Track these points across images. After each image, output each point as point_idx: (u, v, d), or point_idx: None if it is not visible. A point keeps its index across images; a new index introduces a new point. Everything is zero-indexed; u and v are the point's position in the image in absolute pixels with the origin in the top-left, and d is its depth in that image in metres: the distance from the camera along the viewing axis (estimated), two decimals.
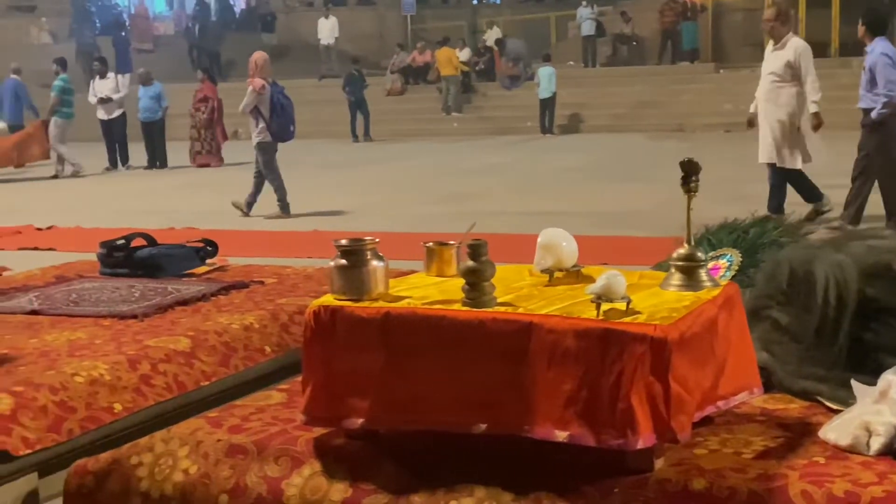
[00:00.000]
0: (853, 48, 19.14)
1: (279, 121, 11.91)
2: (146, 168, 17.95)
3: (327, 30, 27.78)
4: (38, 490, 2.46)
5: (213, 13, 32.31)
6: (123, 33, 30.54)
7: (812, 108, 8.64)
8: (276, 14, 29.63)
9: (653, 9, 24.77)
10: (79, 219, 12.02)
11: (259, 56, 12.05)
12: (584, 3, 26.19)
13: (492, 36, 27.42)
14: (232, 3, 36.58)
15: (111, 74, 18.37)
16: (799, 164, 8.90)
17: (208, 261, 4.16)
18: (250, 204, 11.86)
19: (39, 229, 11.48)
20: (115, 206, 13.51)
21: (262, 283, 3.83)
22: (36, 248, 10.05)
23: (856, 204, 8.38)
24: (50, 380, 2.61)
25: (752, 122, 9.46)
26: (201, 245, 4.20)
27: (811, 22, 22.04)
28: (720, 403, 2.08)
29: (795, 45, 8.90)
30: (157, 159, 18.09)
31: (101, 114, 18.08)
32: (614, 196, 11.09)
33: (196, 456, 2.13)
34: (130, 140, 18.27)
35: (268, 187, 12.07)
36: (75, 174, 16.91)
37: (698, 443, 2.03)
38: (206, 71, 19.10)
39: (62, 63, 18.66)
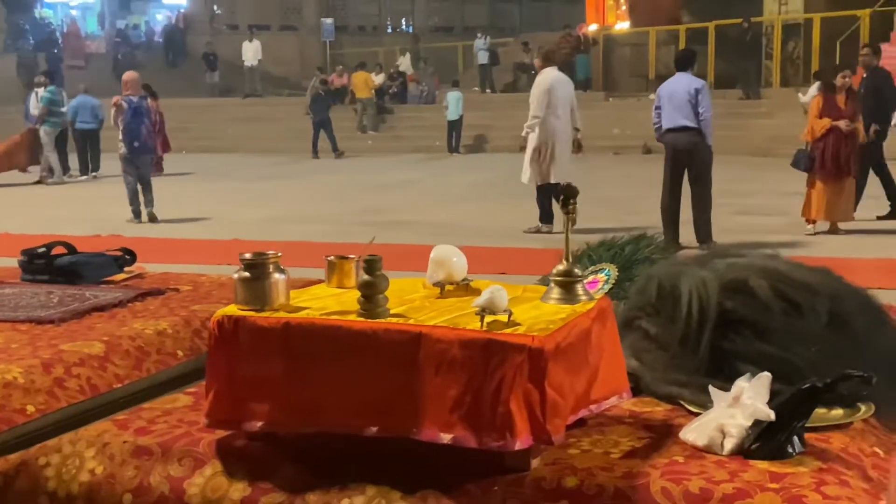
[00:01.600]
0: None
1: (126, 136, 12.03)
2: (80, 175, 17.68)
3: (251, 52, 27.57)
4: None
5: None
6: (56, 50, 29.89)
7: None
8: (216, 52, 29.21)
9: (550, 41, 25.07)
10: (7, 225, 11.71)
11: (126, 75, 12.63)
12: (479, 34, 26.51)
13: (404, 62, 27.48)
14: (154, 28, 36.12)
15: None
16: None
17: (126, 268, 4.07)
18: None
19: None
20: (46, 214, 13.20)
21: (177, 290, 3.75)
22: None
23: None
24: None
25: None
26: (120, 254, 4.10)
27: None
28: (592, 407, 2.10)
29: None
30: (92, 166, 17.88)
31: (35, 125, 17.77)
32: (514, 210, 11.17)
33: (102, 457, 2.08)
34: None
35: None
36: (59, 182, 16.65)
37: (572, 443, 2.04)
38: (147, 87, 18.84)
39: (49, 75, 18.32)
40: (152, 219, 12.13)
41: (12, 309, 3.39)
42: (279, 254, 2.12)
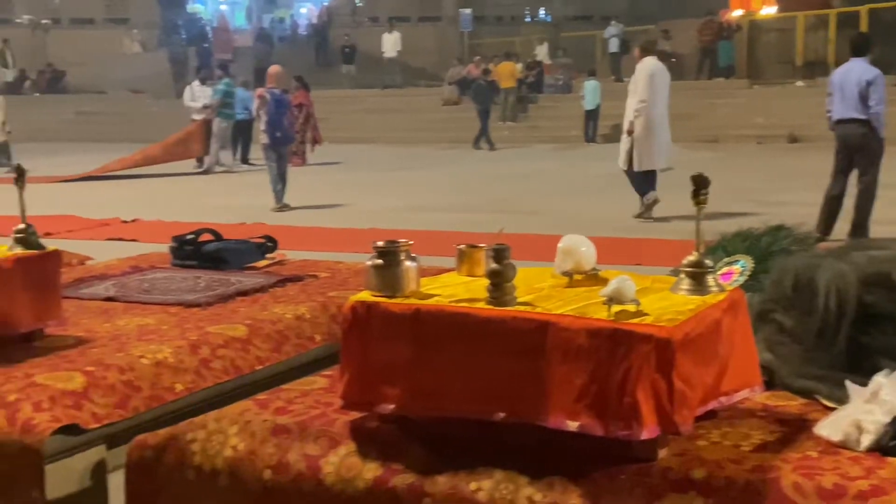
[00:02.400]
0: None
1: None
2: (234, 163, 18.24)
3: (391, 44, 27.91)
4: (106, 460, 2.51)
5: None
6: (206, 44, 30.88)
7: None
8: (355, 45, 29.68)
9: (692, 28, 24.58)
10: (160, 213, 12.20)
11: (271, 68, 12.96)
12: (612, 22, 26.12)
13: (541, 52, 27.36)
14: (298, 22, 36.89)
15: (210, 83, 18.87)
16: None
17: (268, 255, 4.21)
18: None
19: (125, 222, 11.67)
20: (197, 203, 13.70)
21: (315, 276, 3.86)
22: (121, 239, 10.22)
23: None
24: (119, 361, 2.67)
25: None
26: (262, 241, 4.25)
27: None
28: (722, 399, 2.07)
29: None
30: (246, 154, 18.48)
31: (200, 116, 18.58)
32: None
33: (244, 434, 2.17)
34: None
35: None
36: (228, 171, 17.29)
37: (700, 435, 2.03)
38: (299, 79, 19.37)
39: (225, 68, 19.08)
40: (279, 203, 12.50)
41: (163, 292, 3.56)
42: (410, 242, 2.17)
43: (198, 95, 18.54)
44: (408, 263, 2.12)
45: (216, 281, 3.73)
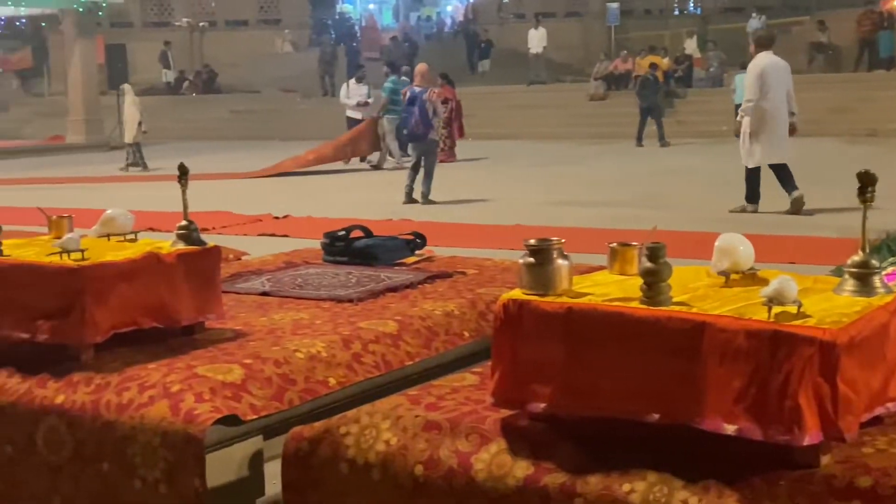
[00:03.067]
0: None
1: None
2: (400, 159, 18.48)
3: (536, 40, 27.83)
4: (263, 451, 2.59)
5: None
6: (355, 43, 31.46)
7: None
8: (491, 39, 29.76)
9: (850, 19, 23.67)
10: (311, 209, 12.50)
11: (418, 67, 13.12)
12: (753, 14, 25.35)
13: (690, 45, 26.81)
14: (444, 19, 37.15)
15: (365, 81, 19.26)
16: None
17: (417, 252, 4.26)
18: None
19: (276, 218, 12.00)
20: (346, 198, 13.99)
21: (464, 273, 3.88)
22: (272, 235, 10.52)
23: None
24: (275, 354, 2.74)
25: None
26: (411, 237, 4.30)
27: None
28: (889, 405, 1.99)
29: None
30: (402, 152, 18.71)
31: (356, 114, 19.03)
32: (806, 198, 10.65)
33: (396, 429, 2.20)
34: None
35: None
36: (396, 167, 17.53)
37: (866, 442, 1.95)
38: (444, 76, 19.59)
39: (392, 66, 19.54)
40: (425, 201, 12.62)
41: (316, 288, 3.64)
42: (562, 240, 2.15)
43: (353, 93, 18.95)
44: (560, 262, 2.11)
45: (366, 277, 3.78)
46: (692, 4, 34.54)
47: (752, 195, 10.64)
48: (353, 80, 19.69)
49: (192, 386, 2.50)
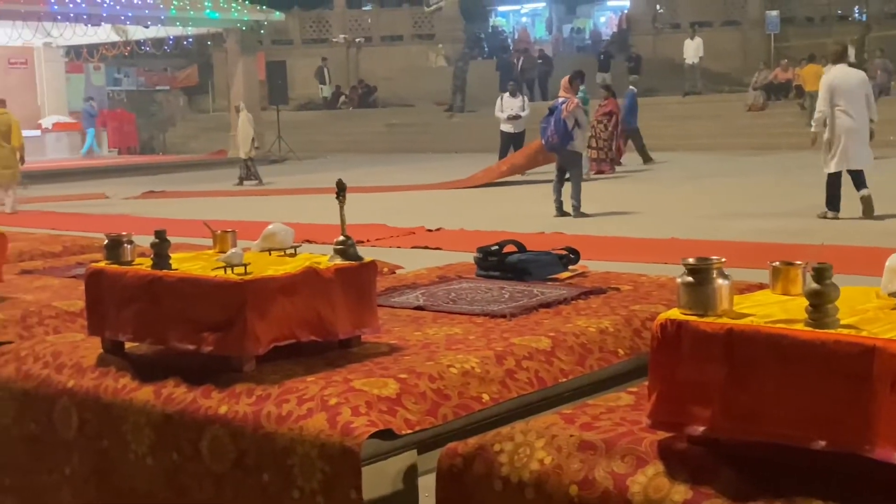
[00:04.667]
0: None
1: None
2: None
3: (692, 50, 27.35)
4: (417, 465, 2.61)
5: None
6: (507, 56, 31.59)
7: None
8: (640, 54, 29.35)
9: None
10: (464, 221, 12.59)
11: (564, 79, 13.22)
12: None
13: (851, 54, 25.81)
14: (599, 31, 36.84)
15: (520, 94, 19.38)
16: None
17: (570, 267, 4.23)
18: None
19: (429, 230, 12.14)
20: (495, 211, 14.03)
21: (618, 289, 3.84)
22: (426, 248, 10.64)
23: None
24: (429, 369, 2.76)
25: None
26: (565, 252, 4.28)
27: None
28: None
29: None
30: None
31: (508, 128, 19.12)
32: None
33: (550, 448, 2.18)
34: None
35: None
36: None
37: None
38: (607, 88, 19.49)
39: (581, 76, 19.72)
40: (577, 214, 12.54)
41: (469, 302, 3.66)
42: (723, 259, 2.10)
43: (506, 106, 19.04)
44: (720, 281, 2.06)
45: (519, 292, 3.78)
46: (857, 10, 33.26)
47: (833, 201, 11.40)
48: (506, 94, 19.79)
49: (349, 399, 2.54)
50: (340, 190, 3.06)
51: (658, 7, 34.07)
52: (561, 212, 12.77)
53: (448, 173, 19.49)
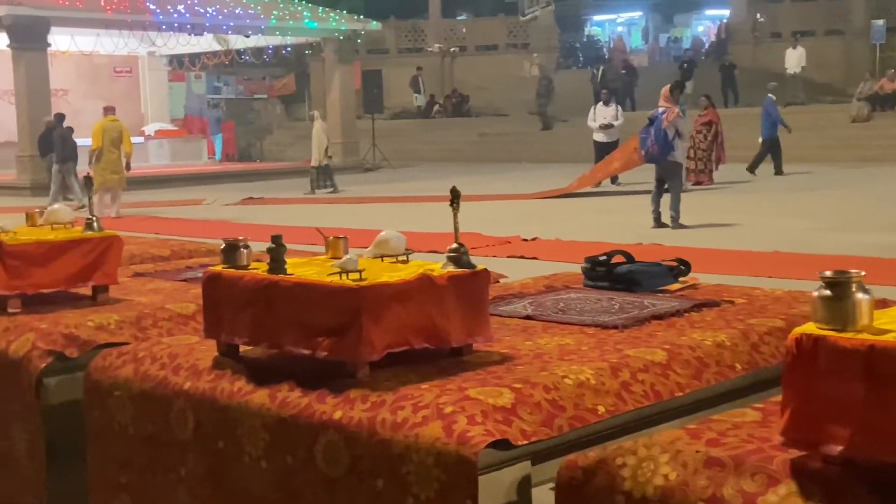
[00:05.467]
0: None
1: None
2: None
3: (794, 59, 26.82)
4: (531, 476, 2.58)
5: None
6: (602, 66, 31.40)
7: None
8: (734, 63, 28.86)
9: None
10: (559, 231, 12.52)
11: (663, 89, 13.14)
12: None
13: None
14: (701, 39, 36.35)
15: (613, 103, 19.32)
16: None
17: (681, 279, 4.15)
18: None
19: (525, 240, 12.10)
20: (590, 221, 13.92)
21: (732, 302, 3.75)
22: (522, 257, 10.60)
23: None
24: (544, 380, 2.73)
25: None
26: (675, 264, 4.20)
27: None
28: None
29: None
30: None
31: (601, 137, 19.04)
32: None
33: (675, 464, 2.13)
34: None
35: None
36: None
37: None
38: (708, 97, 19.28)
39: (681, 86, 19.64)
40: (675, 225, 12.37)
41: (579, 313, 3.61)
42: (862, 273, 2.02)
43: (599, 116, 18.96)
44: (860, 295, 1.98)
45: (629, 303, 3.72)
46: None
47: None
48: (599, 103, 19.70)
49: (465, 408, 2.52)
50: (455, 197, 3.04)
51: (758, 16, 33.48)
52: (659, 223, 12.61)
53: (540, 183, 19.41)
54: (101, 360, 3.32)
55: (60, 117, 20.10)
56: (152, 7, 24.54)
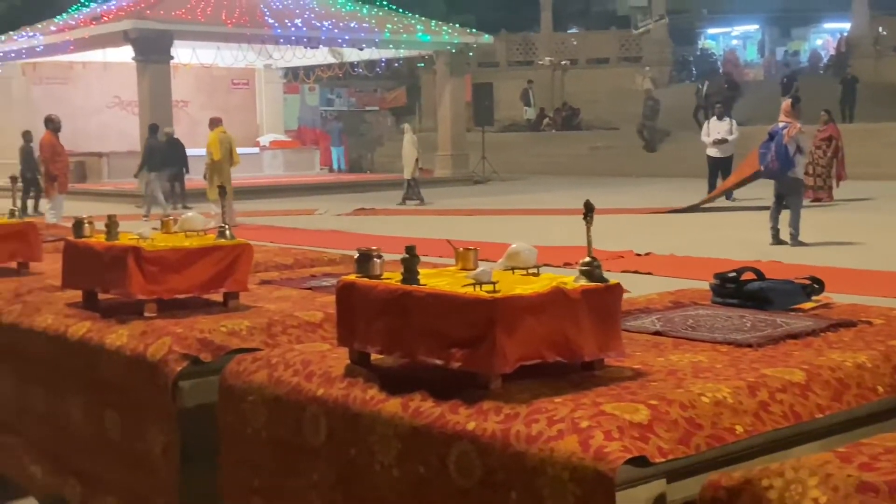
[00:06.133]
0: None
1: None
2: None
3: None
4: (666, 495, 2.54)
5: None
6: (715, 80, 30.93)
7: None
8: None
9: None
10: (673, 246, 12.35)
11: (784, 103, 12.90)
12: None
13: None
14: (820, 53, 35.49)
15: (727, 118, 19.06)
16: None
17: (814, 297, 4.04)
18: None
19: (638, 255, 11.96)
20: (704, 237, 13.69)
21: (869, 323, 3.63)
22: (636, 272, 10.48)
23: None
24: (679, 397, 2.68)
25: None
26: (808, 282, 4.09)
27: None
28: None
29: None
30: None
31: (714, 152, 18.79)
32: None
33: (825, 487, 2.06)
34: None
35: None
36: None
37: None
38: (828, 112, 18.89)
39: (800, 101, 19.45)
40: (794, 242, 12.09)
41: (709, 330, 3.55)
42: None
43: (712, 131, 18.71)
44: None
45: (761, 321, 3.64)
46: None
47: None
48: (713, 118, 19.41)
49: (601, 423, 2.50)
50: (588, 211, 3.02)
51: (881, 29, 32.53)
52: (777, 239, 12.34)
53: (651, 198, 19.19)
54: (236, 365, 3.40)
55: (154, 128, 20.90)
56: (271, 21, 25.11)
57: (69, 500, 4.05)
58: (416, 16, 28.98)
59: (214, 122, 18.53)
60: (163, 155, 20.45)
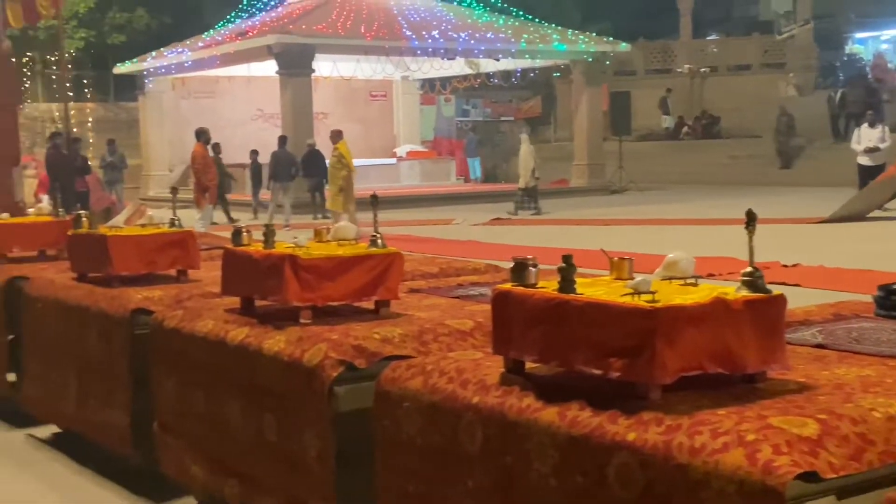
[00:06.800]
0: None
1: None
2: None
3: None
4: None
5: None
6: (866, 86, 29.87)
7: None
8: None
9: None
10: (823, 258, 11.97)
11: None
12: None
13: None
14: None
15: (879, 125, 18.44)
16: None
17: None
18: None
19: (785, 266, 11.63)
20: (855, 248, 13.23)
21: None
22: (783, 284, 10.18)
23: None
24: (850, 412, 2.60)
25: None
26: None
27: None
28: None
29: None
30: None
31: (866, 160, 18.17)
32: None
33: None
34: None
35: None
36: None
37: None
38: None
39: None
40: None
41: (875, 343, 3.43)
42: None
43: (863, 138, 18.10)
44: None
45: None
46: None
47: None
48: (864, 125, 18.74)
49: (768, 437, 2.44)
50: (750, 220, 2.96)
51: None
52: None
53: (793, 208, 18.65)
54: (391, 372, 3.45)
55: (283, 139, 21.51)
56: (409, 33, 25.44)
57: (228, 501, 4.17)
58: (553, 25, 28.90)
59: (338, 135, 18.71)
60: (287, 166, 21.00)
